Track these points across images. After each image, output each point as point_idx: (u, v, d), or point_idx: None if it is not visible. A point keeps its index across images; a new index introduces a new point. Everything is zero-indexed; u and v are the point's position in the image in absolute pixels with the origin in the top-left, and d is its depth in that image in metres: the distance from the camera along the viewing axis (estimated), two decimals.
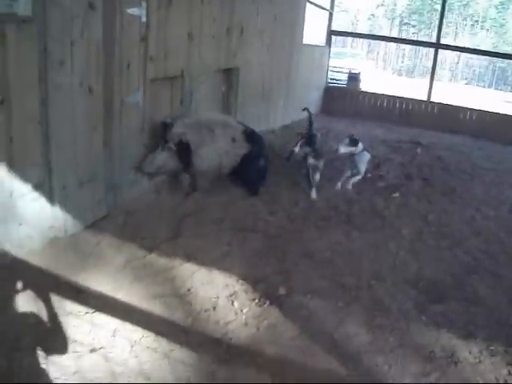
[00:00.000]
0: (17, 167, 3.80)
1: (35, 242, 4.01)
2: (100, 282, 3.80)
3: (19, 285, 3.64)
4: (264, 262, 4.35)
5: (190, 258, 4.25)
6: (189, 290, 3.87)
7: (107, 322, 3.44)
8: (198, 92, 6.44)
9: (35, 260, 3.88)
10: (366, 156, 6.33)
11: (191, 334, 3.44)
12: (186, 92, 6.17)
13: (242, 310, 3.74)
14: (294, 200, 5.92)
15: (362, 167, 6.32)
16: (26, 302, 3.50)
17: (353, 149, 6.10)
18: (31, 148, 3.93)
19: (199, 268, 4.14)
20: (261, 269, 4.22)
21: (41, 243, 4.05)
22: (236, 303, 3.80)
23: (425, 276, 4.46)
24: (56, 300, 3.54)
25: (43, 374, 2.99)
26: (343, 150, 6.08)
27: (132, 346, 3.26)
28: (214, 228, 4.67)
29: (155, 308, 3.62)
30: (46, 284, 3.69)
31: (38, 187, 3.95)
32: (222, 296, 3.85)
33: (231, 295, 3.87)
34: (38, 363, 3.05)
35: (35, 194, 3.94)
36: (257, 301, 3.85)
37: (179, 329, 3.47)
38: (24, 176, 3.85)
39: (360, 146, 6.16)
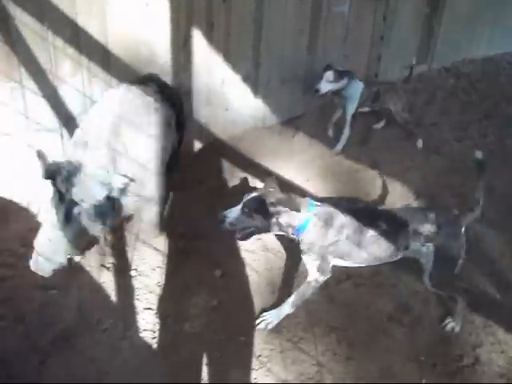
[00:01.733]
0: (230, 59, 4.24)
1: (236, 128, 4.51)
2: (288, 171, 4.21)
3: (220, 162, 4.18)
4: (443, 182, 4.39)
5: (374, 165, 4.45)
6: (369, 193, 4.11)
7: None
8: (402, 10, 6.33)
9: (234, 142, 4.38)
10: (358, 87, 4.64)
11: None
12: (390, 9, 6.10)
13: None
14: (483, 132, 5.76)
15: (351, 106, 4.65)
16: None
17: (339, 85, 4.48)
18: (244, 43, 4.32)
19: (380, 177, 4.34)
20: (438, 188, 4.28)
21: (241, 129, 4.54)
22: None
23: None
24: (249, 179, 4.06)
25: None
26: (326, 87, 4.41)
27: None
28: (401, 144, 4.74)
29: None
30: (242, 163, 4.21)
31: (245, 79, 4.38)
32: (398, 204, 3.99)
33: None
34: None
35: (242, 85, 4.38)
36: None
37: None
38: (235, 67, 4.30)
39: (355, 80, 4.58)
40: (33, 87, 3.43)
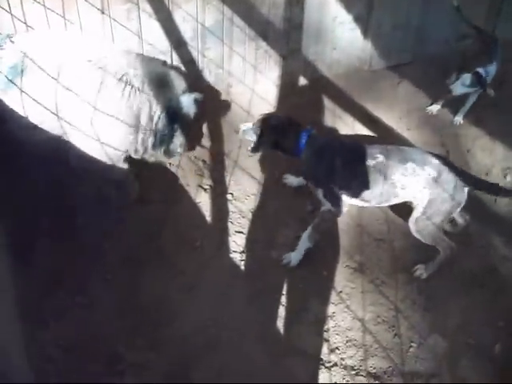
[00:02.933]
0: None
1: (341, 68, 4.45)
2: (389, 119, 4.15)
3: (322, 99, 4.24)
4: None
5: (478, 122, 4.24)
6: (468, 150, 3.98)
7: None
8: None
9: (339, 82, 4.34)
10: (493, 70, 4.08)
11: None
12: None
13: None
14: None
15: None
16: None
17: (474, 89, 4.04)
18: None
19: (484, 135, 4.13)
20: None
21: (346, 70, 4.47)
22: (509, 177, 3.82)
23: None
24: (349, 121, 4.06)
25: None
26: (460, 90, 4.07)
27: None
28: (507, 110, 4.45)
29: None
30: (344, 103, 4.20)
31: (357, 19, 4.27)
32: (497, 166, 3.90)
33: (507, 169, 3.88)
34: None
35: (353, 25, 4.28)
36: None
37: None
38: (348, 6, 4.18)
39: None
40: (148, 10, 3.51)
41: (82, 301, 2.91)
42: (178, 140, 3.20)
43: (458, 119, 4.22)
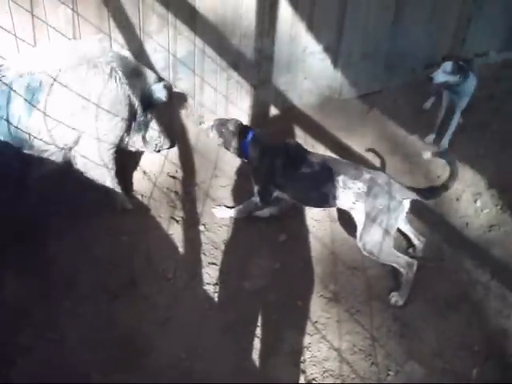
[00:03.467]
0: (313, 28, 4.23)
1: (312, 97, 4.53)
2: (360, 147, 4.21)
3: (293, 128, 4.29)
4: None
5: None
6: (438, 177, 4.01)
7: None
8: None
9: (310, 111, 4.41)
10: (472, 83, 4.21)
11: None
12: None
13: (482, 210, 3.83)
14: None
15: (463, 102, 4.29)
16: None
17: (456, 78, 4.06)
18: (328, 14, 4.28)
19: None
20: None
21: (317, 99, 4.56)
22: (479, 202, 3.88)
23: None
24: (321, 149, 4.08)
25: None
26: (441, 78, 4.03)
27: None
28: (478, 129, 4.58)
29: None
30: (315, 132, 4.24)
31: (327, 49, 4.37)
32: (467, 191, 3.96)
33: (476, 194, 3.95)
34: None
35: (323, 55, 4.38)
36: (499, 207, 3.87)
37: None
38: (318, 37, 4.29)
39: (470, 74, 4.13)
40: (120, 40, 3.54)
41: (51, 337, 2.82)
42: (155, 128, 3.49)
43: (445, 142, 4.29)
